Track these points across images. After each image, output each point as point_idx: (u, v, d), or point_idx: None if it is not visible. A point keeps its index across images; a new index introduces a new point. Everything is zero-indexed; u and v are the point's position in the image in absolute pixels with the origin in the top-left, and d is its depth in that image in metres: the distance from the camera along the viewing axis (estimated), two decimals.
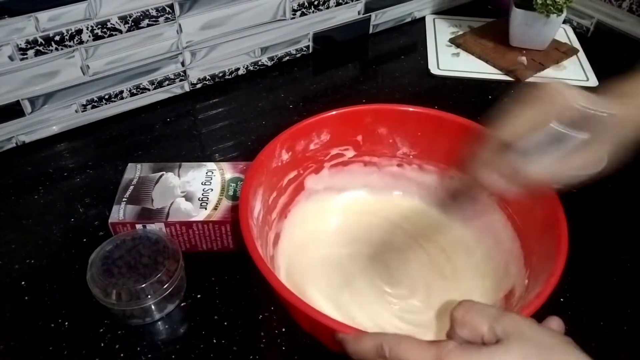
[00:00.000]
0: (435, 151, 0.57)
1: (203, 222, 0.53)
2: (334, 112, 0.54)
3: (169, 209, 0.53)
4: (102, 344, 0.48)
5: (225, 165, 0.59)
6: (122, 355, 0.47)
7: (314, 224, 0.57)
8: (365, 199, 0.60)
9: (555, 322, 0.36)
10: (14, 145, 0.68)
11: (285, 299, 0.38)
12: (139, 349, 0.48)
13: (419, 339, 0.33)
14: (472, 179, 0.42)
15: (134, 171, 0.58)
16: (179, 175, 0.57)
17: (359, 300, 0.50)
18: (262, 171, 0.50)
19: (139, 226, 0.53)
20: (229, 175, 0.57)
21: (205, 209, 0.54)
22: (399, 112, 0.56)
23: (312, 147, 0.55)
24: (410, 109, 0.56)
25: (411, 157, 0.58)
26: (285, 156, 0.53)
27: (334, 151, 0.57)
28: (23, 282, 0.53)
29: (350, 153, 0.58)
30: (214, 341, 0.49)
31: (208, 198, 0.55)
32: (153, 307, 0.49)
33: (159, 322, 0.50)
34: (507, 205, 0.52)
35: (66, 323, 0.50)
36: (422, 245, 0.55)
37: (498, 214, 0.53)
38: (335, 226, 0.57)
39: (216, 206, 0.54)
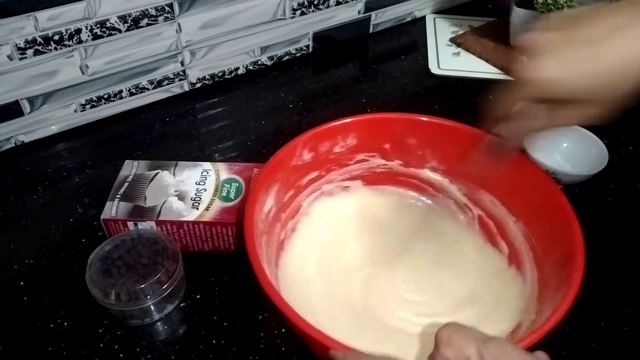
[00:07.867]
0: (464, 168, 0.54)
1: (194, 223, 0.52)
2: (362, 117, 0.54)
3: (160, 208, 0.53)
4: (101, 345, 0.48)
5: (221, 165, 0.58)
6: (121, 355, 0.47)
7: (329, 223, 0.56)
8: (387, 207, 0.58)
9: (542, 357, 0.34)
10: (13, 145, 0.68)
11: (277, 306, 0.38)
12: (138, 349, 0.48)
13: None
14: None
15: (130, 168, 0.57)
16: (174, 174, 0.57)
17: (371, 306, 0.50)
18: (280, 169, 0.50)
19: (130, 224, 0.52)
20: (224, 176, 0.57)
21: (197, 209, 0.53)
22: (432, 124, 0.54)
23: (336, 149, 0.54)
24: (444, 123, 0.54)
25: (440, 171, 0.56)
26: (307, 156, 0.52)
27: (360, 156, 0.56)
28: (22, 283, 0.53)
29: (376, 160, 0.57)
30: (214, 342, 0.48)
31: (201, 198, 0.54)
32: (152, 307, 0.49)
33: (158, 323, 0.50)
34: (532, 235, 0.49)
35: (65, 323, 0.50)
36: (439, 262, 0.53)
37: (523, 244, 0.50)
38: (354, 227, 0.56)
39: (208, 207, 0.53)
